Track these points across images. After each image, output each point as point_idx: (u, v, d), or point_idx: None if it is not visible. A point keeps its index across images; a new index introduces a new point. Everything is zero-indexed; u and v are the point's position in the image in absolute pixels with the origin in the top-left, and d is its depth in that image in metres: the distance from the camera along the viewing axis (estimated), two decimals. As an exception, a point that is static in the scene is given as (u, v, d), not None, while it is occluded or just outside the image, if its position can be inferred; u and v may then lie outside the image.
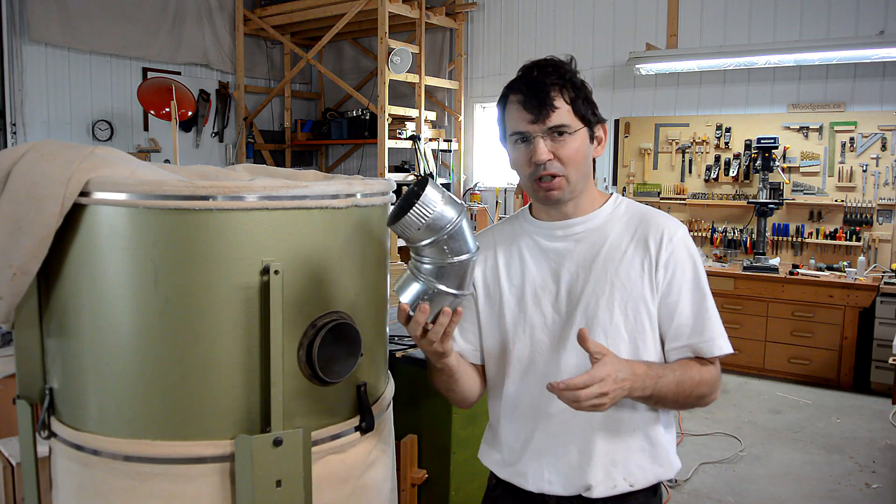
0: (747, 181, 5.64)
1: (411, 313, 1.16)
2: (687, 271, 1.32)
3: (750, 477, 3.56)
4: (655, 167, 6.04)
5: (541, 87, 1.28)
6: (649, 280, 1.31)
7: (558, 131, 1.28)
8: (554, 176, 1.29)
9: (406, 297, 1.17)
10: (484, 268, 1.42)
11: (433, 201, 1.12)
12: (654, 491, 1.39)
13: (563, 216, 1.37)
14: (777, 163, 5.27)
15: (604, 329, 1.30)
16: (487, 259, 1.42)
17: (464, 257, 1.17)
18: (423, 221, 1.12)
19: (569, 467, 1.33)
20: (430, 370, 1.38)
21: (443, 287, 1.17)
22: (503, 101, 1.35)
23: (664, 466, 1.37)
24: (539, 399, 1.34)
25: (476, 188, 7.08)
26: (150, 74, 6.43)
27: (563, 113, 1.28)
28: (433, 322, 1.18)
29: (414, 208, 1.11)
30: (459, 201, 1.16)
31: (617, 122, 6.15)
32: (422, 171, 6.50)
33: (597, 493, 1.31)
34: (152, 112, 5.65)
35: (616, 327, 1.30)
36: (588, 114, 1.31)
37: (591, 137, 1.34)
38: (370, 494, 1.40)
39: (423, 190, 1.12)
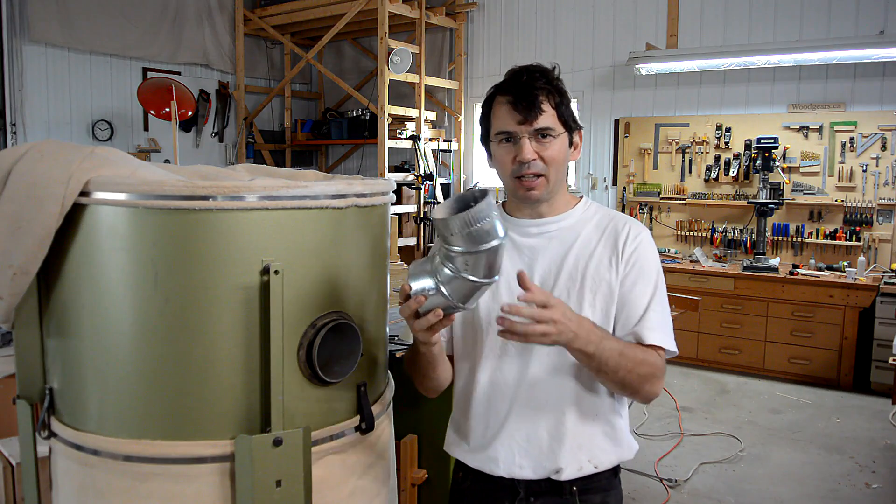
0: (747, 181, 5.64)
1: (411, 294, 1.19)
2: (646, 267, 1.40)
3: (750, 477, 3.56)
4: (655, 167, 6.04)
5: (530, 91, 1.35)
6: (615, 270, 1.39)
7: (543, 133, 1.36)
8: (536, 175, 1.37)
9: (414, 285, 1.19)
10: None
11: (487, 215, 1.12)
12: (614, 473, 1.48)
13: (537, 215, 1.45)
14: (777, 163, 5.28)
15: None
16: None
17: (478, 281, 1.17)
18: (468, 229, 1.12)
19: (539, 451, 1.40)
20: (413, 353, 1.43)
21: (446, 294, 1.18)
22: (489, 101, 1.42)
23: (624, 448, 1.45)
24: (512, 386, 1.41)
25: (476, 188, 7.07)
26: (150, 74, 6.43)
27: (548, 116, 1.36)
28: (423, 314, 1.21)
29: (468, 212, 1.11)
30: (505, 230, 1.16)
31: (617, 122, 6.15)
32: (422, 171, 6.51)
33: (565, 475, 1.38)
34: (152, 112, 5.65)
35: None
36: (570, 120, 1.40)
37: (570, 142, 1.42)
38: (370, 494, 1.40)
39: (484, 199, 1.13)
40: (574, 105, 1.45)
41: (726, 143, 5.69)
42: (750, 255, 5.54)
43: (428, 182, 6.52)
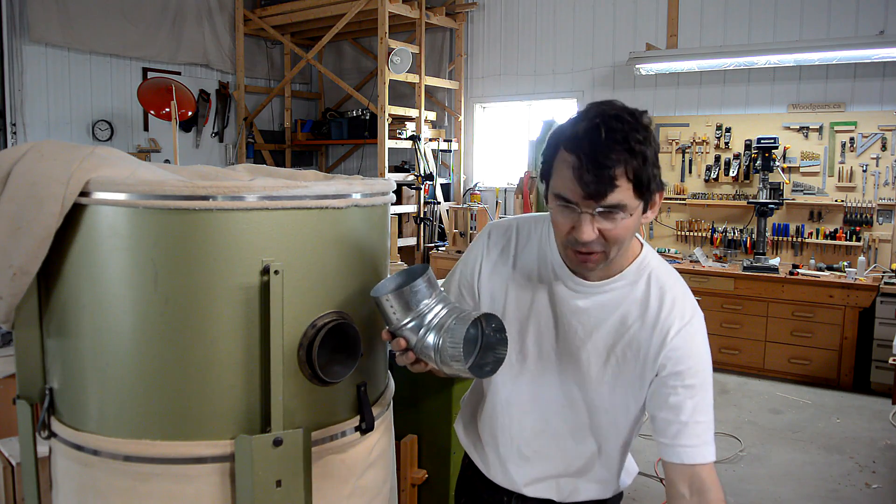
0: (747, 181, 5.64)
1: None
2: (692, 366, 1.23)
3: (750, 477, 3.56)
4: (655, 167, 6.03)
5: (603, 163, 1.07)
6: (645, 364, 1.26)
7: (611, 211, 1.11)
8: (592, 252, 1.16)
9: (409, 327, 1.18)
10: (490, 272, 1.37)
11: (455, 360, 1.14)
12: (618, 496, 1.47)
13: (584, 276, 1.28)
14: (777, 163, 5.27)
15: (590, 395, 1.32)
16: (499, 266, 1.36)
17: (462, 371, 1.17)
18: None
19: (540, 479, 1.40)
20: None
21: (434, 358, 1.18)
22: (555, 145, 1.15)
23: (624, 478, 1.44)
24: (518, 424, 1.39)
25: (476, 188, 7.08)
26: (150, 74, 6.44)
27: (622, 191, 1.09)
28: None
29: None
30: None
31: (617, 122, 6.15)
32: (422, 171, 6.51)
33: (562, 499, 1.40)
34: (152, 112, 5.65)
35: (601, 396, 1.31)
36: (650, 185, 1.12)
37: (646, 207, 1.17)
38: (370, 494, 1.40)
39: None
40: (574, 105, 1.33)
41: (726, 143, 5.69)
42: (750, 255, 5.54)
43: (428, 182, 6.52)
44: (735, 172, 5.63)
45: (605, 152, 1.07)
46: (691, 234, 5.90)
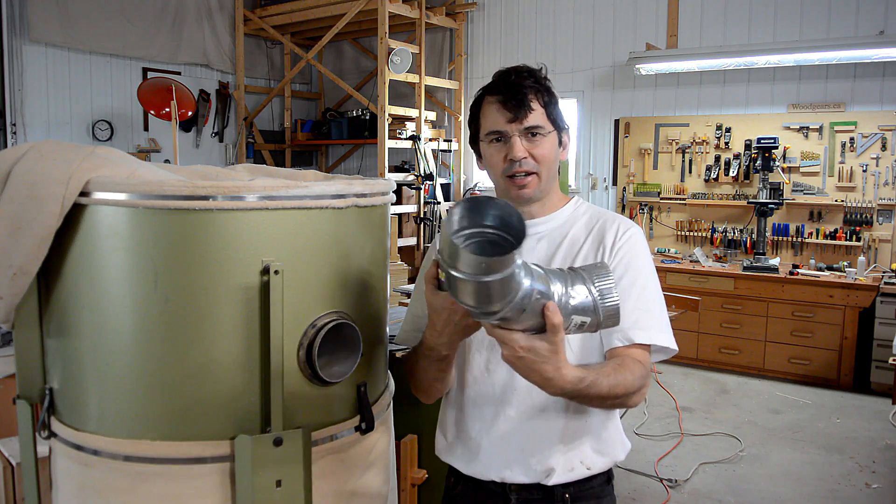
0: (747, 181, 5.65)
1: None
2: (634, 262, 1.37)
3: (750, 477, 3.57)
4: (655, 167, 6.04)
5: (519, 90, 1.35)
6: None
7: (533, 132, 1.36)
8: (528, 173, 1.37)
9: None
10: None
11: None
12: (608, 480, 1.46)
13: (528, 215, 1.42)
14: (777, 163, 5.28)
15: None
16: None
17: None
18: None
19: (530, 453, 1.38)
20: (426, 359, 1.36)
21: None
22: (478, 103, 1.43)
23: (617, 449, 1.44)
24: (500, 390, 1.40)
25: (476, 188, 7.08)
26: (150, 74, 6.44)
27: (538, 115, 1.36)
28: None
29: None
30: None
31: (617, 122, 6.15)
32: (422, 171, 6.51)
33: (556, 477, 1.36)
34: (152, 112, 5.66)
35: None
36: (558, 119, 1.41)
37: (559, 142, 1.42)
38: (370, 494, 1.40)
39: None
40: (574, 105, 1.42)
41: (726, 143, 5.69)
42: (750, 255, 5.54)
43: (428, 182, 6.52)
44: (735, 172, 5.63)
45: (519, 85, 1.35)
46: (691, 234, 5.91)
